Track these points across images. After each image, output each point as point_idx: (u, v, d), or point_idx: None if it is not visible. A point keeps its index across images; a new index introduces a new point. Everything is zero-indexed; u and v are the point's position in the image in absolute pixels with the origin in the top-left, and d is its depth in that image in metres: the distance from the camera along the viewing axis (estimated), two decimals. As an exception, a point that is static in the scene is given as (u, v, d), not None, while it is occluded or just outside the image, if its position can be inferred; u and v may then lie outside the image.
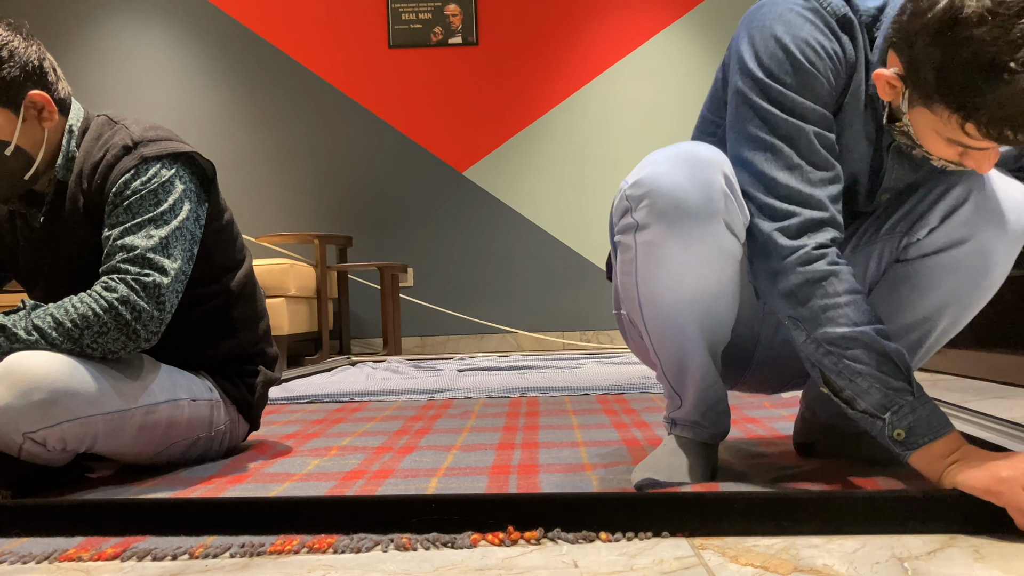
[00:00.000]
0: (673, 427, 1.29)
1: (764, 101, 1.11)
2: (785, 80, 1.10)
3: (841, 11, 1.11)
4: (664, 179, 1.08)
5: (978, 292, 1.16)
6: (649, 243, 1.11)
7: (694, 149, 1.10)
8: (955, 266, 1.14)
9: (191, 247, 1.44)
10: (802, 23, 1.10)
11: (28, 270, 1.54)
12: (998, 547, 0.92)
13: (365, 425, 2.04)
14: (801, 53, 1.09)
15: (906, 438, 1.03)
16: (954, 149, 1.02)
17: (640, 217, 1.11)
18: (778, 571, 0.87)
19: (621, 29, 5.34)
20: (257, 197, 5.36)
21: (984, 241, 1.12)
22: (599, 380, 2.73)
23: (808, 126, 1.10)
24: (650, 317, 1.17)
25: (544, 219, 5.34)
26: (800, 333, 1.09)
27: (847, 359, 1.05)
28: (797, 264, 1.08)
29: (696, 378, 1.20)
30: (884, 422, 1.04)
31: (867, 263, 1.22)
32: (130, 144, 1.43)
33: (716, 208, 1.08)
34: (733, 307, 1.18)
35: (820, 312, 1.06)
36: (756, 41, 1.12)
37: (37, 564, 0.99)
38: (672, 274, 1.11)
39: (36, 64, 1.42)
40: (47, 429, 1.25)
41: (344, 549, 0.99)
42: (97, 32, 5.38)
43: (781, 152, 1.10)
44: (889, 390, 1.03)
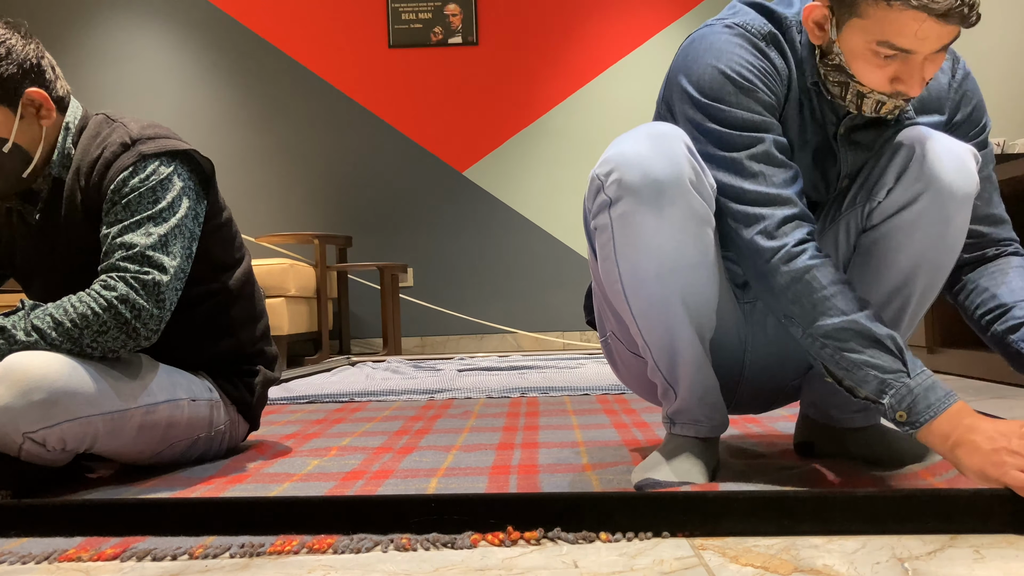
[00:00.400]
0: (672, 425, 1.29)
1: (714, 124, 1.18)
2: (729, 100, 1.17)
3: (765, 29, 1.20)
4: (629, 153, 1.13)
5: (944, 246, 1.19)
6: (623, 215, 1.14)
7: (654, 126, 1.16)
8: (917, 222, 1.17)
9: (190, 245, 1.44)
10: (732, 48, 1.18)
11: (25, 268, 1.54)
12: (998, 547, 0.92)
13: (365, 425, 2.04)
14: (737, 74, 1.17)
15: (908, 419, 1.05)
16: (884, 70, 1.09)
17: (612, 192, 1.14)
18: (778, 571, 0.87)
19: (621, 29, 5.34)
20: (257, 197, 5.36)
21: (937, 194, 1.16)
22: (599, 380, 2.73)
23: (759, 134, 1.17)
24: (634, 296, 1.19)
25: (544, 219, 5.34)
26: (796, 329, 1.14)
27: (843, 350, 1.09)
28: (781, 263, 1.12)
29: (687, 360, 1.21)
30: (884, 406, 1.07)
31: (836, 241, 1.25)
32: (128, 141, 1.43)
33: (683, 174, 1.12)
34: (713, 279, 1.20)
35: (811, 307, 1.10)
36: (693, 73, 1.19)
37: (37, 564, 0.99)
38: (650, 244, 1.14)
39: (34, 62, 1.42)
40: (47, 429, 1.25)
41: (344, 549, 0.99)
42: (97, 32, 5.38)
43: (741, 165, 1.16)
44: (885, 375, 1.06)
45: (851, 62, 1.12)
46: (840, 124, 1.22)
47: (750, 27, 1.20)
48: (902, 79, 1.09)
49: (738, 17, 1.22)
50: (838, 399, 1.34)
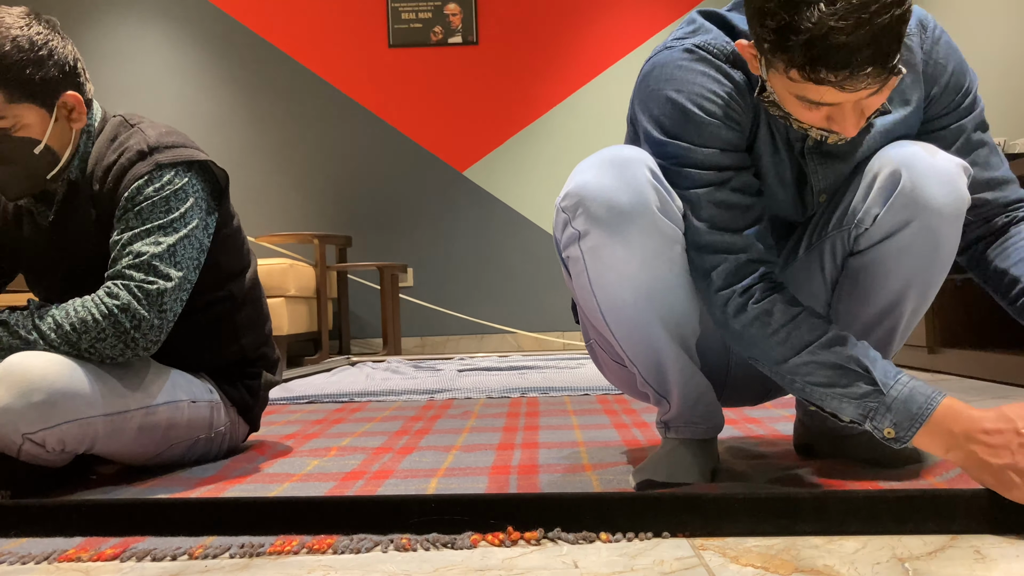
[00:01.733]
0: (667, 431, 1.29)
1: (674, 163, 1.14)
2: (687, 137, 1.13)
3: (727, 49, 1.14)
4: (592, 185, 1.11)
5: (934, 268, 1.17)
6: (593, 248, 1.13)
7: (615, 151, 1.13)
8: (906, 248, 1.14)
9: (198, 256, 1.44)
10: (692, 77, 1.13)
11: (32, 268, 1.54)
12: (998, 547, 0.92)
13: (365, 425, 2.04)
14: (699, 107, 1.12)
15: (897, 435, 1.03)
16: (816, 113, 1.03)
17: (579, 225, 1.13)
18: (779, 571, 0.87)
19: (621, 29, 5.34)
20: (257, 197, 5.36)
21: (926, 219, 1.12)
22: (599, 380, 2.73)
23: (720, 173, 1.13)
24: (614, 323, 1.18)
25: (544, 219, 5.33)
26: (764, 369, 1.13)
27: (812, 384, 1.08)
28: (733, 311, 1.12)
29: (675, 373, 1.21)
30: (871, 430, 1.05)
31: (822, 261, 1.23)
32: (145, 149, 1.43)
33: (647, 200, 1.10)
34: (692, 297, 1.19)
35: (769, 349, 1.10)
36: (652, 108, 1.15)
37: (36, 564, 0.98)
38: (623, 273, 1.13)
39: (72, 64, 1.43)
40: (46, 430, 1.25)
41: (344, 549, 0.99)
42: (97, 32, 5.38)
43: (699, 204, 1.14)
44: (859, 399, 1.04)
45: (783, 102, 1.07)
46: (806, 138, 1.17)
47: (712, 47, 1.14)
48: (836, 120, 1.03)
49: (698, 37, 1.15)
50: None
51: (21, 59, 1.35)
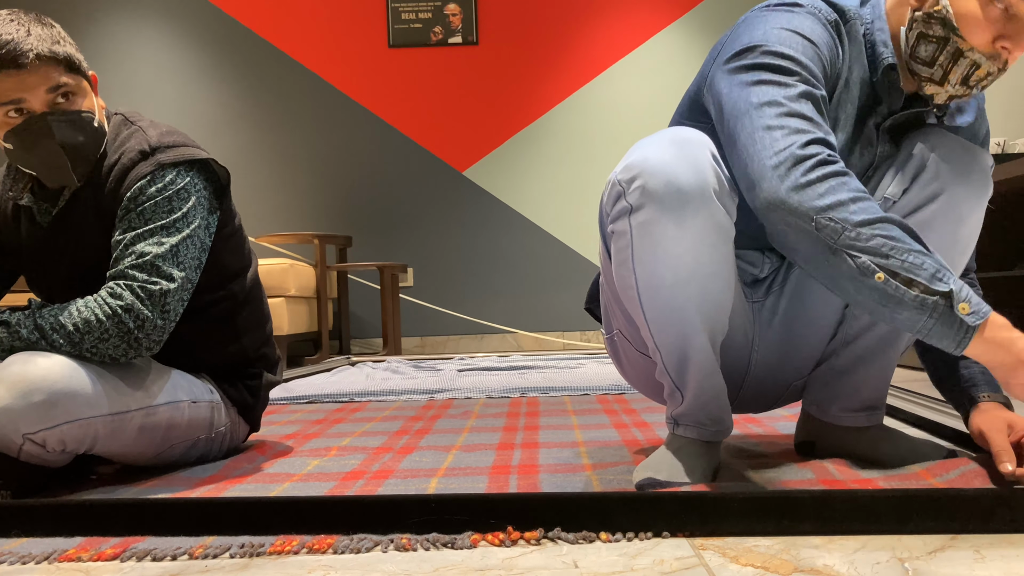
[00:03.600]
0: (676, 426, 1.29)
1: (775, 58, 1.13)
2: (793, 45, 1.14)
3: (832, 16, 1.20)
4: (653, 160, 1.10)
5: (956, 247, 1.20)
6: (644, 223, 1.12)
7: (679, 131, 1.13)
8: (931, 222, 1.19)
9: (200, 256, 1.44)
10: (799, 19, 1.17)
11: (33, 268, 1.54)
12: (998, 547, 0.92)
13: (365, 425, 2.04)
14: (802, 34, 1.15)
15: (972, 309, 0.99)
16: (991, 26, 1.08)
17: (634, 199, 1.12)
18: (778, 571, 0.87)
19: (621, 29, 5.34)
20: (257, 197, 5.36)
21: (951, 194, 1.17)
22: (599, 380, 2.73)
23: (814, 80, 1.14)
24: (649, 302, 1.17)
25: (544, 219, 5.34)
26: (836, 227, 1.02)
27: (890, 241, 1.01)
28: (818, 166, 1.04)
29: (697, 365, 1.20)
30: (950, 296, 0.99)
31: None
32: (147, 149, 1.43)
33: (707, 182, 1.10)
34: (728, 289, 1.19)
35: (850, 204, 1.02)
36: (755, 30, 1.16)
37: (37, 564, 0.99)
38: (669, 252, 1.12)
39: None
40: (47, 430, 1.25)
41: (344, 549, 0.99)
42: (96, 32, 5.38)
43: (792, 89, 1.11)
44: (935, 267, 1.00)
45: (959, 15, 1.11)
46: (888, 117, 1.23)
47: (818, 10, 1.19)
48: (1008, 37, 1.09)
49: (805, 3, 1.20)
50: (842, 398, 1.34)
51: (54, 32, 1.37)
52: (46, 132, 1.36)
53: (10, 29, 1.32)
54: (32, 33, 1.33)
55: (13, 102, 1.33)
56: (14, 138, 1.36)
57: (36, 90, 1.34)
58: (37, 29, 1.34)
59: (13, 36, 1.31)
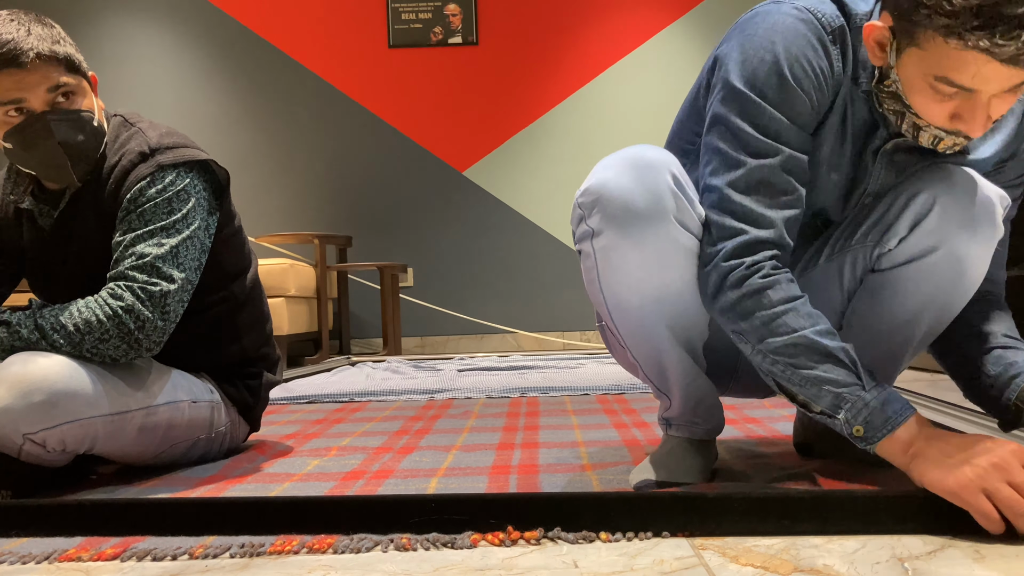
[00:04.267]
0: (668, 428, 1.29)
1: (739, 118, 1.10)
2: (767, 94, 1.09)
3: (836, 23, 1.10)
4: (611, 184, 1.10)
5: (956, 294, 1.15)
6: (605, 248, 1.12)
7: (640, 152, 1.11)
8: (929, 273, 1.13)
9: (200, 257, 1.44)
10: (795, 36, 1.09)
11: (34, 269, 1.54)
12: (998, 547, 0.92)
13: (365, 425, 2.04)
14: (789, 68, 1.08)
15: (865, 433, 1.02)
16: (943, 105, 0.99)
17: (594, 224, 1.12)
18: (778, 571, 0.87)
19: (621, 29, 5.34)
20: (257, 197, 5.36)
21: (955, 246, 1.10)
22: (599, 380, 2.73)
23: (779, 146, 1.09)
24: (620, 321, 1.18)
25: (544, 219, 5.34)
26: (746, 346, 1.10)
27: (793, 366, 1.05)
28: (732, 283, 1.09)
29: (676, 376, 1.21)
30: (840, 421, 1.04)
31: (842, 271, 1.21)
32: (147, 151, 1.43)
33: (665, 207, 1.09)
34: (701, 305, 1.18)
35: (760, 325, 1.07)
36: (746, 50, 1.11)
37: (37, 564, 0.99)
38: (632, 276, 1.12)
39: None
40: (47, 430, 1.25)
41: (344, 549, 0.99)
42: (97, 32, 5.38)
43: (743, 172, 1.10)
44: (838, 388, 1.03)
45: (908, 93, 1.03)
46: (889, 140, 1.14)
47: (822, 17, 1.10)
48: (963, 117, 0.99)
49: (811, 2, 1.11)
50: None
51: (53, 32, 1.37)
52: (46, 131, 1.36)
53: (10, 29, 1.32)
54: (32, 33, 1.33)
55: (13, 102, 1.33)
56: (14, 137, 1.36)
57: (36, 89, 1.34)
58: (37, 29, 1.34)
59: (13, 36, 1.31)
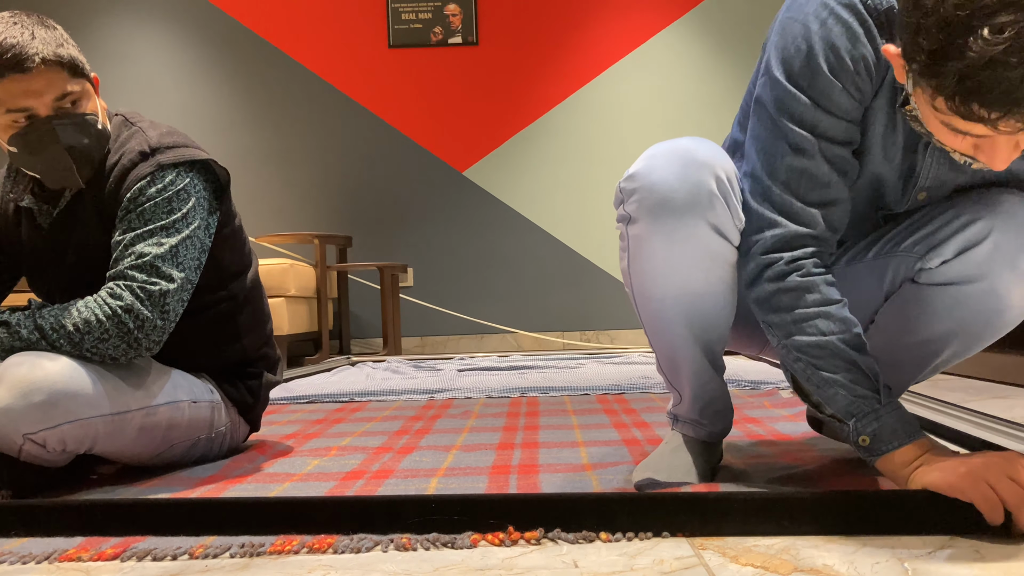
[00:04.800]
0: (675, 423, 1.30)
1: (779, 109, 1.08)
2: (803, 86, 1.06)
3: (884, 5, 1.03)
4: (655, 175, 1.10)
5: (989, 329, 1.13)
6: (638, 236, 1.13)
7: (693, 146, 1.10)
8: (965, 301, 1.11)
9: (199, 256, 1.44)
10: (833, 24, 1.04)
11: (34, 268, 1.54)
12: (998, 547, 0.92)
13: (365, 425, 2.04)
14: (825, 59, 1.05)
15: (871, 444, 1.03)
16: (958, 137, 0.92)
17: (631, 210, 1.13)
18: (778, 571, 0.87)
19: (621, 29, 5.34)
20: (257, 197, 5.36)
21: (998, 284, 1.08)
22: (599, 380, 2.73)
23: (817, 140, 1.07)
24: (642, 308, 1.20)
25: (544, 219, 5.33)
26: (773, 338, 1.12)
27: (815, 367, 1.06)
28: (769, 277, 1.09)
29: (688, 375, 1.21)
30: (849, 428, 1.05)
31: (884, 273, 1.20)
32: (147, 150, 1.43)
33: (700, 208, 1.09)
34: (725, 309, 1.18)
35: (791, 322, 1.08)
36: (785, 35, 1.08)
37: (37, 564, 0.99)
38: (657, 270, 1.13)
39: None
40: (47, 430, 1.25)
41: (344, 549, 0.99)
42: (97, 32, 5.38)
43: (781, 162, 1.09)
44: (855, 397, 1.04)
45: (924, 119, 0.95)
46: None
47: (868, 1, 1.04)
48: (984, 151, 0.92)
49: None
50: None
51: (57, 35, 1.37)
52: (51, 136, 1.36)
53: (14, 32, 1.32)
54: (37, 36, 1.33)
55: (21, 110, 1.34)
56: (19, 141, 1.36)
57: (43, 97, 1.34)
58: (41, 32, 1.34)
59: (18, 40, 1.31)
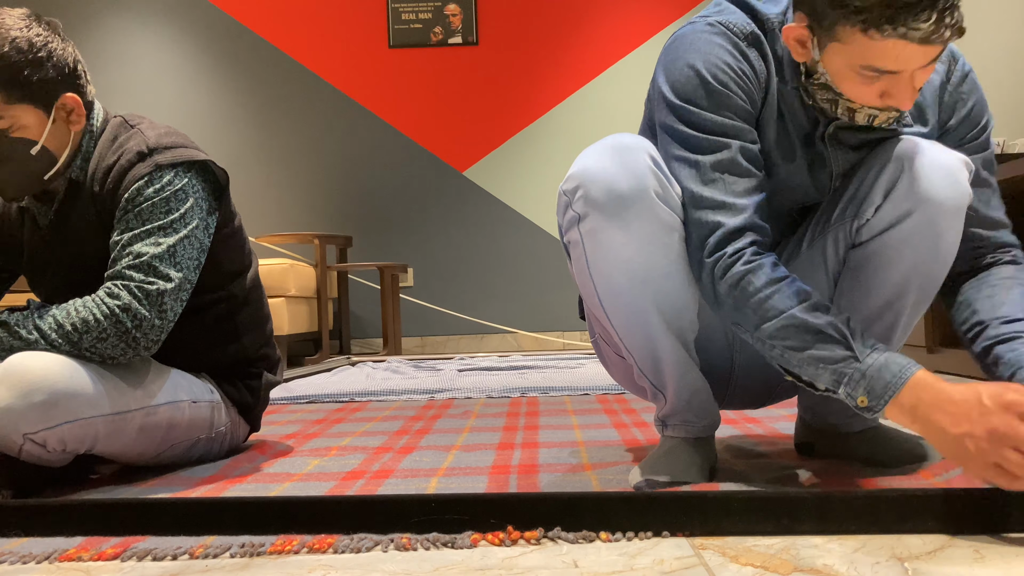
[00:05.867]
0: (664, 427, 1.29)
1: (683, 125, 1.17)
2: (700, 102, 1.16)
3: (747, 29, 1.19)
4: (593, 168, 1.14)
5: (936, 261, 1.18)
6: (591, 231, 1.15)
7: (618, 139, 1.16)
8: (907, 239, 1.16)
9: (198, 256, 1.44)
10: (710, 48, 1.17)
11: (33, 269, 1.54)
12: (998, 547, 0.92)
13: (365, 425, 2.04)
14: (712, 76, 1.16)
15: (869, 403, 1.03)
16: (871, 87, 1.07)
17: (579, 208, 1.15)
18: (778, 571, 0.87)
19: (621, 29, 5.34)
20: (257, 197, 5.36)
21: (927, 210, 1.14)
22: (599, 380, 2.73)
23: (726, 139, 1.16)
24: (611, 309, 1.20)
25: (544, 219, 5.34)
26: (746, 335, 1.13)
27: (788, 348, 1.08)
28: (719, 275, 1.13)
29: (670, 365, 1.21)
30: (843, 397, 1.05)
31: (825, 254, 1.24)
32: (145, 150, 1.43)
33: (646, 186, 1.13)
34: (688, 287, 1.20)
35: (751, 312, 1.10)
36: (671, 72, 1.19)
37: (37, 564, 0.99)
38: (619, 257, 1.15)
39: (71, 66, 1.43)
40: (47, 430, 1.25)
41: (344, 549, 0.99)
42: (97, 32, 5.38)
43: (703, 168, 1.16)
44: (834, 364, 1.05)
45: (837, 82, 1.11)
46: (829, 124, 1.20)
47: (732, 26, 1.19)
48: (891, 94, 1.08)
49: (722, 15, 1.21)
50: (834, 405, 1.33)
51: (20, 60, 1.35)
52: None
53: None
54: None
55: None
56: None
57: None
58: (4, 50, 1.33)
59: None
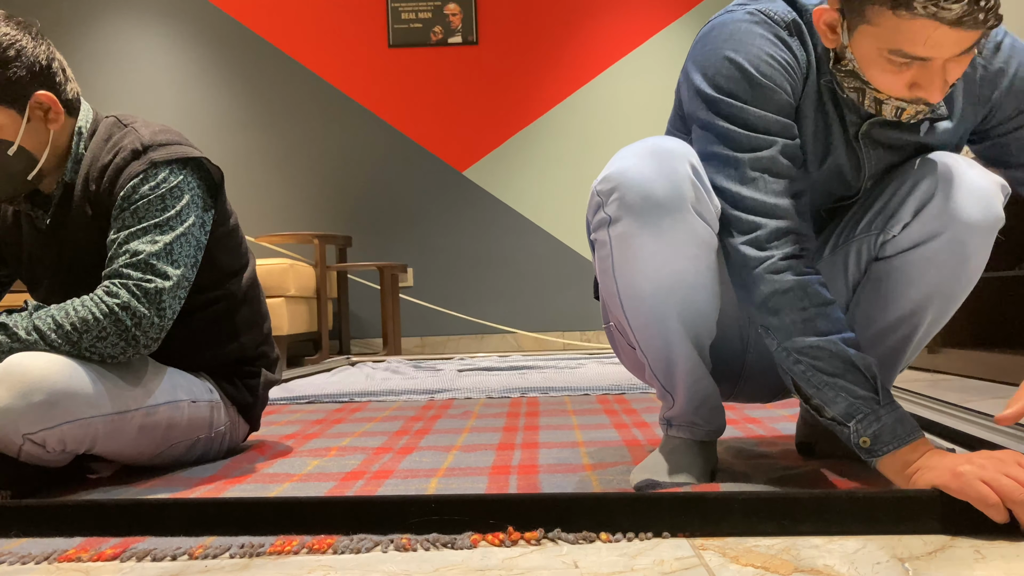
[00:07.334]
0: (669, 428, 1.29)
1: (722, 120, 1.12)
2: (741, 96, 1.11)
3: (788, 17, 1.14)
4: (631, 172, 1.10)
5: (960, 283, 1.17)
6: (622, 235, 1.12)
7: (660, 142, 1.12)
8: (933, 259, 1.15)
9: (195, 254, 1.44)
10: (752, 38, 1.12)
11: (31, 270, 1.54)
12: (998, 547, 0.92)
13: (365, 425, 2.04)
14: (755, 68, 1.11)
15: (871, 445, 1.04)
16: (901, 75, 1.02)
17: (612, 211, 1.12)
18: (779, 571, 0.87)
19: (621, 29, 5.34)
20: (257, 197, 5.36)
21: (957, 232, 1.13)
22: (599, 380, 2.73)
23: (769, 137, 1.11)
24: (631, 311, 1.18)
25: (544, 219, 5.34)
26: (771, 341, 1.11)
27: (815, 368, 1.06)
28: (765, 274, 1.09)
29: (684, 372, 1.21)
30: (850, 429, 1.05)
31: (847, 263, 1.23)
32: (139, 148, 1.42)
33: (684, 196, 1.09)
34: (713, 298, 1.19)
35: (790, 323, 1.08)
36: (709, 67, 1.14)
37: (36, 564, 0.98)
38: (648, 264, 1.13)
39: (44, 64, 1.41)
40: (47, 430, 1.25)
41: (344, 549, 0.99)
42: (97, 33, 5.38)
43: (743, 167, 1.11)
44: (855, 399, 1.04)
45: (865, 69, 1.06)
46: (863, 123, 1.17)
47: (774, 15, 1.14)
48: (921, 85, 1.02)
49: (760, 3, 1.15)
50: None
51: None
52: None
53: None
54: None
55: None
56: None
57: None
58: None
59: None
